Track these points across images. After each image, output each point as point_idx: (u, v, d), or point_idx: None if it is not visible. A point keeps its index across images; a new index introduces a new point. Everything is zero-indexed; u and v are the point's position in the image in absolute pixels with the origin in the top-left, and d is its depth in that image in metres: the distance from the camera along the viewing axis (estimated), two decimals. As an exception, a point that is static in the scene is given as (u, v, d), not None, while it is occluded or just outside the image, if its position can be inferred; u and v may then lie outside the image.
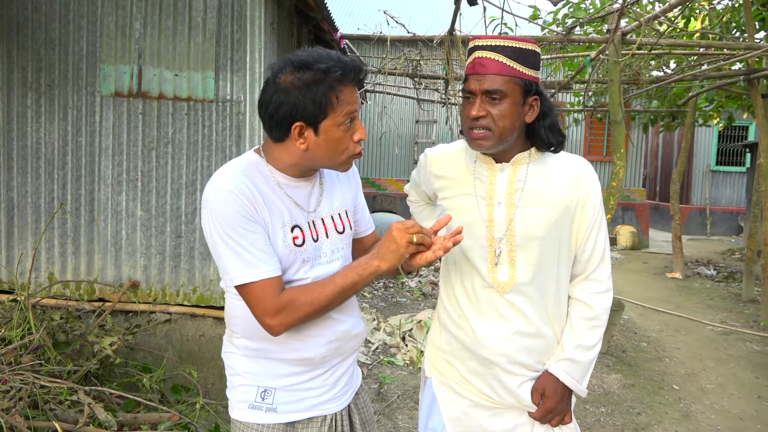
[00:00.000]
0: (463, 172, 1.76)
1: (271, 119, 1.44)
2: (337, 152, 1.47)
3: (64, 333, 3.21)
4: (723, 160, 15.45)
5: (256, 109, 3.54)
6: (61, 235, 3.72)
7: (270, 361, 1.54)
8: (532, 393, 1.71)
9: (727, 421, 4.06)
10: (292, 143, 1.45)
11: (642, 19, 4.36)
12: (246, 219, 1.41)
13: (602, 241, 1.72)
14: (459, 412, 1.80)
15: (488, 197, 1.70)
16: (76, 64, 3.62)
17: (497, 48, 1.58)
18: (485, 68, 1.59)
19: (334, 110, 1.41)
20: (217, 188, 1.43)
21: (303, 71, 1.39)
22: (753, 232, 7.64)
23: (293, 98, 1.39)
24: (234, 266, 1.41)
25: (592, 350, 1.72)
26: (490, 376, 1.73)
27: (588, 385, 1.76)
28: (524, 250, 1.67)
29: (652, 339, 5.91)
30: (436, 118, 12.32)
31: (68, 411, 2.70)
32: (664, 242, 12.80)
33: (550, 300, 1.71)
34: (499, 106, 1.58)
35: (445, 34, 5.40)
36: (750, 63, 6.57)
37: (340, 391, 1.63)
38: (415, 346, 4.87)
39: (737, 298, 7.90)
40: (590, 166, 1.73)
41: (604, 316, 1.73)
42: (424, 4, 14.50)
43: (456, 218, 1.73)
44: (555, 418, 1.72)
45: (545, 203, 1.67)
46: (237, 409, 1.57)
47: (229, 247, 1.41)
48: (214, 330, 3.71)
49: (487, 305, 1.71)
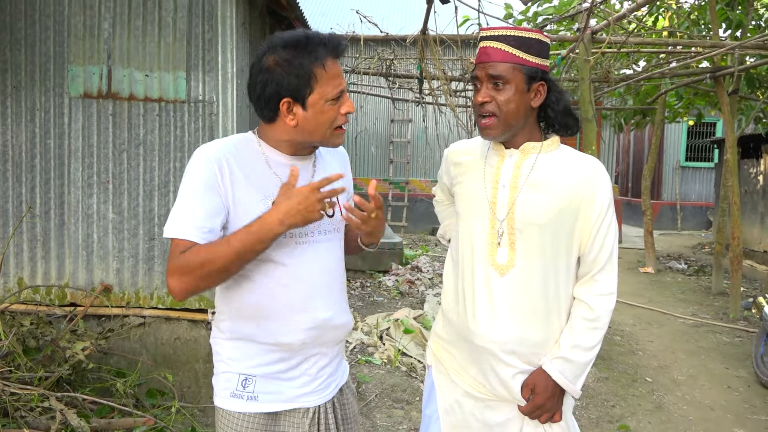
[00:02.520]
0: (477, 159, 1.83)
1: (259, 100, 1.48)
2: (327, 125, 1.50)
3: (34, 339, 3.15)
4: (692, 156, 15.76)
5: (229, 110, 3.53)
6: (30, 239, 3.65)
7: (250, 345, 1.54)
8: (522, 387, 1.72)
9: (699, 411, 4.15)
10: (282, 121, 1.49)
11: (610, 18, 4.43)
12: (204, 184, 1.45)
13: (609, 243, 1.72)
14: (453, 401, 1.83)
15: (494, 180, 1.75)
16: (44, 64, 3.56)
17: (500, 37, 1.66)
18: (489, 56, 1.67)
19: (320, 83, 1.45)
20: (199, 152, 1.50)
21: (284, 49, 1.44)
22: (721, 226, 7.81)
23: (277, 75, 1.44)
24: (172, 218, 1.46)
25: (589, 352, 1.71)
26: (485, 365, 1.74)
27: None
28: (523, 234, 1.70)
29: (626, 333, 6.01)
30: (411, 117, 12.35)
31: (40, 418, 2.65)
32: (637, 237, 13.01)
33: (548, 292, 1.72)
34: (503, 92, 1.65)
35: (418, 34, 5.42)
36: (716, 61, 6.71)
37: (323, 383, 1.63)
38: (393, 345, 4.88)
39: (707, 291, 8.07)
40: (603, 168, 1.75)
41: (605, 319, 1.73)
42: (398, 4, 14.51)
43: (465, 201, 1.81)
44: (544, 415, 1.72)
45: (549, 192, 1.70)
46: (220, 397, 1.58)
47: (179, 202, 1.46)
48: (189, 333, 3.68)
49: (484, 288, 1.72)
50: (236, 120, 3.53)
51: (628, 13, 4.70)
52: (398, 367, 4.58)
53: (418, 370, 4.56)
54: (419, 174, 12.90)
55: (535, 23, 6.96)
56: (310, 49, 1.44)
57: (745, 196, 10.50)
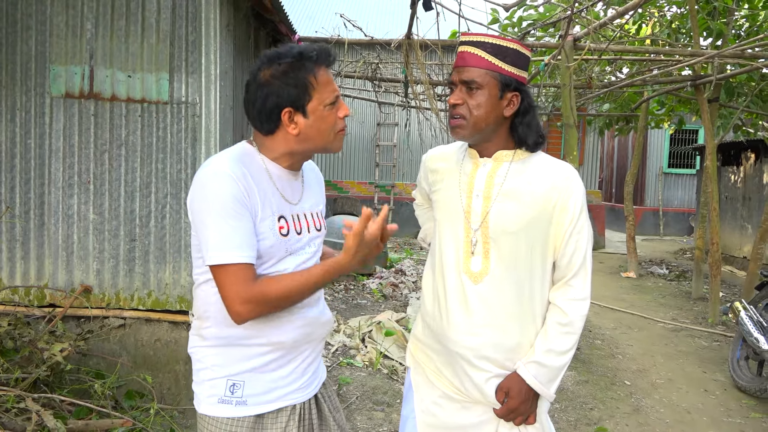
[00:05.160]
0: (453, 166, 1.86)
1: (260, 114, 1.52)
2: (328, 130, 1.55)
3: (12, 340, 3.12)
4: (675, 163, 15.95)
5: (212, 111, 3.53)
6: (9, 239, 3.63)
7: (240, 348, 1.55)
8: (496, 391, 1.74)
9: (676, 414, 4.21)
10: (283, 131, 1.53)
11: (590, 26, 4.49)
12: (239, 203, 1.45)
13: (582, 248, 1.74)
14: (430, 402, 1.85)
15: (468, 189, 1.78)
16: (25, 64, 3.54)
17: (477, 43, 1.71)
18: (465, 61, 1.71)
19: (317, 90, 1.51)
20: (215, 170, 1.47)
21: (279, 62, 1.49)
22: (701, 232, 7.91)
23: (276, 87, 1.49)
24: (218, 244, 1.43)
25: (563, 356, 1.74)
26: (459, 369, 1.77)
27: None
28: (497, 243, 1.73)
29: (606, 336, 6.07)
30: (397, 120, 12.39)
31: (15, 419, 2.63)
32: (620, 242, 13.13)
33: (522, 298, 1.74)
34: (475, 96, 1.69)
35: (402, 38, 5.45)
36: (696, 69, 6.82)
37: (308, 379, 1.66)
38: (375, 347, 4.89)
39: (687, 296, 8.17)
40: (576, 173, 1.77)
41: (578, 324, 1.76)
42: (383, 8, 14.56)
43: (442, 209, 1.85)
44: (518, 418, 1.75)
45: (522, 201, 1.72)
46: (206, 404, 1.57)
47: (217, 226, 1.44)
48: (170, 334, 3.67)
49: (459, 294, 1.75)
50: (219, 122, 3.53)
51: (609, 21, 4.77)
52: (380, 370, 4.60)
53: (399, 372, 4.58)
54: (405, 177, 12.93)
55: (520, 28, 7.03)
56: (303, 61, 1.50)
57: (726, 203, 10.66)
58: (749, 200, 10.09)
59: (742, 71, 6.26)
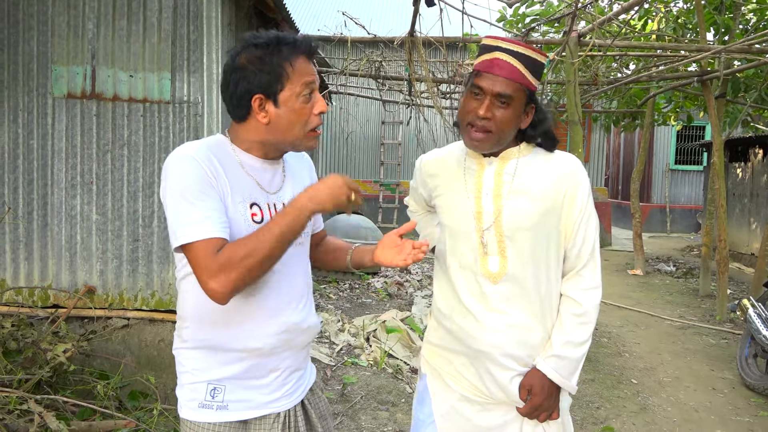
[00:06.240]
0: (454, 169, 1.82)
1: (231, 98, 1.48)
2: (299, 124, 1.49)
3: (15, 341, 3.12)
4: (681, 159, 15.86)
5: (213, 111, 3.51)
6: (12, 240, 3.62)
7: (218, 353, 1.51)
8: (519, 389, 1.73)
9: (683, 413, 4.17)
10: (254, 119, 1.49)
11: (594, 22, 4.45)
12: (203, 183, 1.41)
13: (591, 237, 1.75)
14: (449, 406, 1.83)
15: (476, 189, 1.75)
16: (27, 65, 3.54)
17: (518, 55, 1.63)
18: (502, 70, 1.62)
19: (291, 80, 1.45)
20: (180, 154, 1.44)
21: (256, 48, 1.46)
22: (708, 229, 7.85)
23: (249, 72, 1.45)
24: (181, 224, 1.39)
25: (581, 347, 1.73)
26: (482, 369, 1.75)
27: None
28: (513, 240, 1.71)
29: (613, 334, 6.04)
30: (401, 119, 12.35)
31: (18, 421, 2.63)
32: (626, 240, 13.06)
33: (542, 293, 1.74)
34: (505, 110, 1.64)
35: (405, 36, 5.42)
36: (703, 65, 6.76)
37: (292, 387, 1.61)
38: (379, 346, 4.88)
39: (695, 294, 8.12)
40: (581, 164, 1.77)
41: (593, 313, 1.75)
42: (386, 5, 14.53)
43: (449, 212, 1.81)
44: (542, 414, 1.73)
45: (533, 195, 1.71)
46: (186, 408, 1.53)
47: (181, 207, 1.39)
48: (173, 335, 3.65)
49: (479, 296, 1.73)
50: (221, 121, 3.52)
51: (614, 17, 4.72)
52: (384, 369, 4.58)
53: (404, 372, 4.56)
54: (410, 176, 12.87)
55: (524, 23, 6.99)
56: (281, 48, 1.45)
57: (733, 199, 10.57)
58: (757, 196, 10.01)
59: (750, 66, 6.20)
